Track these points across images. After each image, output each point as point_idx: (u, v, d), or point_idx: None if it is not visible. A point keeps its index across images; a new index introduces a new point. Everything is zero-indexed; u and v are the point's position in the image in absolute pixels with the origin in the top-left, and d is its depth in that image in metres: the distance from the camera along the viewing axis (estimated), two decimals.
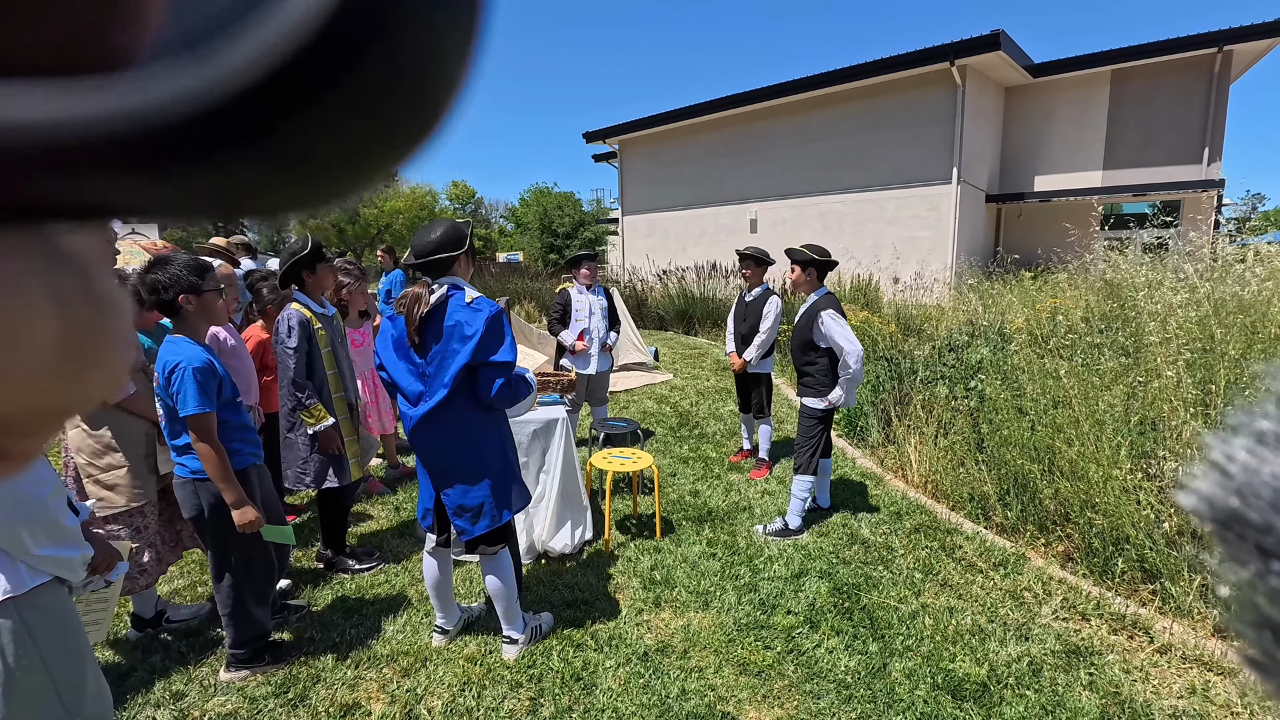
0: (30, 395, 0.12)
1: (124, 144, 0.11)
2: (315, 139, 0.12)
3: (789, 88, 13.28)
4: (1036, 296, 7.11)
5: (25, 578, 1.56)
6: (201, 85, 0.11)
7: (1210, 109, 11.83)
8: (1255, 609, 0.18)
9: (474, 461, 2.32)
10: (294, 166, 0.12)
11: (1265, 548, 0.18)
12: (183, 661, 2.52)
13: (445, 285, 2.30)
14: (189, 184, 0.12)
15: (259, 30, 0.11)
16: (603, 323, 4.63)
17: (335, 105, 0.11)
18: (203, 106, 0.11)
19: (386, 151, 0.13)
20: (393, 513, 3.92)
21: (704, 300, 11.54)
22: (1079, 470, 3.27)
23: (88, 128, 0.11)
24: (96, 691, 1.66)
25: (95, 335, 0.13)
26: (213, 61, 0.11)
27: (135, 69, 0.11)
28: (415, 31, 0.11)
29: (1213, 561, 0.20)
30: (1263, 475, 0.19)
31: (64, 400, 0.13)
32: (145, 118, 0.11)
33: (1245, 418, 0.20)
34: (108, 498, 2.49)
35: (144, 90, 0.11)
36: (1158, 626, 2.64)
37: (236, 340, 3.00)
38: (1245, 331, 3.83)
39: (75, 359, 0.13)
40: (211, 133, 0.11)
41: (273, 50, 0.11)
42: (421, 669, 2.46)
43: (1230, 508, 0.19)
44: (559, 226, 23.95)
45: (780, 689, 2.36)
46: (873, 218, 12.90)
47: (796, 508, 3.55)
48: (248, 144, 0.11)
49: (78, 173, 0.11)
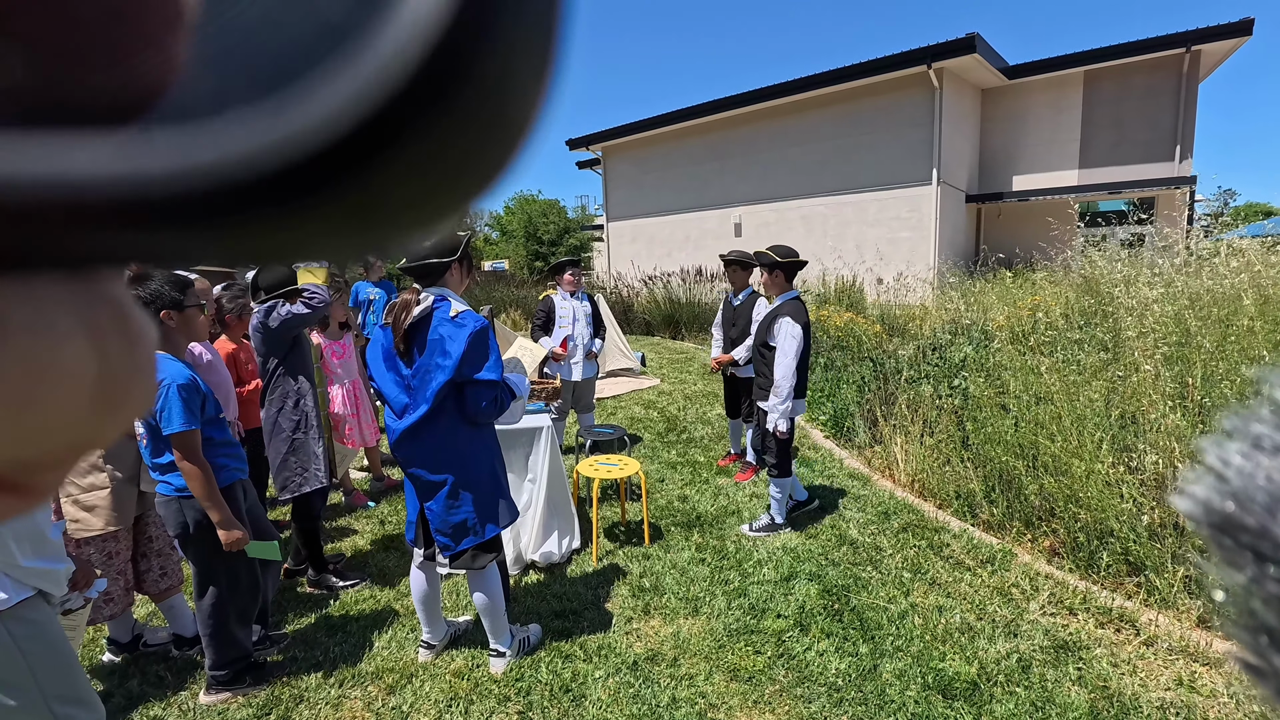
0: (65, 433, 0.12)
1: (188, 201, 0.10)
2: (393, 188, 0.11)
3: (770, 92, 13.40)
4: (1017, 294, 7.19)
5: (10, 591, 1.58)
6: (283, 137, 0.10)
7: (1180, 108, 12.08)
8: (1251, 614, 0.18)
9: (457, 476, 2.28)
10: (365, 215, 0.11)
11: (1261, 552, 0.18)
12: (161, 685, 2.46)
13: (433, 296, 2.26)
14: (251, 235, 0.11)
15: (345, 76, 0.10)
16: (587, 329, 4.61)
17: (419, 153, 0.11)
18: (284, 161, 0.10)
19: (464, 193, 0.12)
20: (377, 526, 3.87)
21: (690, 305, 11.59)
22: (1062, 465, 3.30)
23: (152, 185, 0.10)
24: (89, 702, 1.68)
25: (129, 371, 0.13)
26: (291, 111, 0.10)
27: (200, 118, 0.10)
28: (501, 72, 0.11)
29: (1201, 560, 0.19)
30: (1258, 480, 0.19)
31: (94, 435, 0.13)
32: (217, 174, 0.10)
33: (1240, 422, 0.20)
34: (84, 519, 2.41)
35: (216, 144, 0.10)
36: (1143, 619, 2.66)
37: (214, 355, 2.95)
38: (1219, 324, 3.89)
39: (110, 394, 0.13)
40: (286, 187, 0.10)
41: (363, 98, 0.10)
42: (407, 685, 2.42)
43: (1226, 512, 0.19)
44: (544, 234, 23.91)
45: (771, 694, 2.34)
46: (855, 220, 13.02)
47: (776, 506, 3.60)
48: (321, 197, 0.11)
49: (136, 228, 0.10)
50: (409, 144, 0.10)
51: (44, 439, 0.12)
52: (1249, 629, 0.19)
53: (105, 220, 0.10)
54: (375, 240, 0.12)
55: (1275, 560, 0.18)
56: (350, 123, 0.10)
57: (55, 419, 0.12)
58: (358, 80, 0.10)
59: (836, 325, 7.19)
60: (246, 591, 2.38)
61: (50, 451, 0.12)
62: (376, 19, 0.10)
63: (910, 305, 9.36)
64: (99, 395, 0.12)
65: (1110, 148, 12.80)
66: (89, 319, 0.12)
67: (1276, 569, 0.18)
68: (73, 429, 0.12)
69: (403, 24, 0.10)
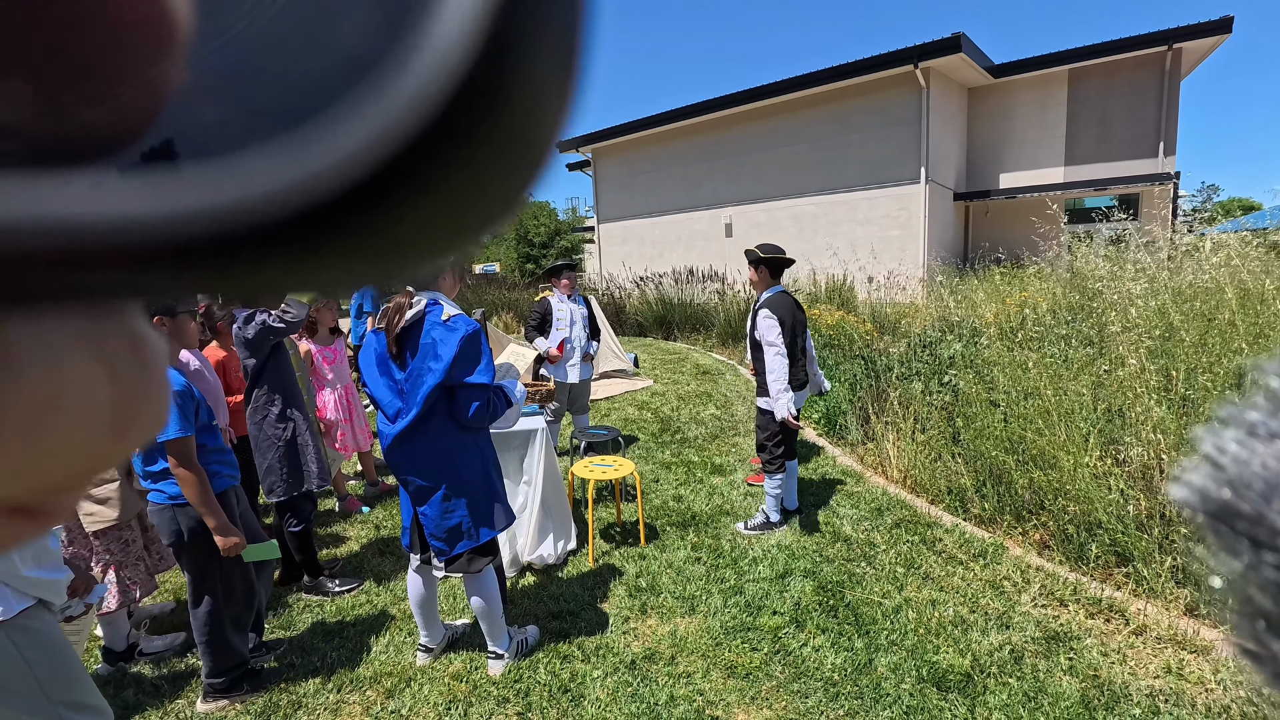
0: (79, 459, 0.12)
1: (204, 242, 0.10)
2: (414, 225, 0.11)
3: (758, 93, 13.45)
4: (1005, 291, 7.26)
5: (12, 602, 1.58)
6: (306, 176, 0.10)
7: (1163, 105, 12.23)
8: (1248, 600, 0.18)
9: (451, 481, 2.28)
10: (381, 251, 0.11)
11: (1257, 539, 0.18)
12: (157, 694, 2.45)
13: (425, 299, 2.27)
14: (261, 274, 0.11)
15: (372, 112, 0.09)
16: (583, 332, 4.62)
17: (443, 191, 0.10)
18: (306, 202, 0.10)
19: (482, 223, 0.12)
20: (372, 531, 3.86)
21: (682, 305, 11.61)
22: (1050, 459, 3.35)
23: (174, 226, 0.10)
24: (98, 707, 1.69)
25: (141, 396, 0.13)
26: (315, 148, 0.10)
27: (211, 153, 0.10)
28: (528, 102, 0.10)
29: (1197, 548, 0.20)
30: (1253, 467, 0.19)
31: (107, 458, 0.13)
32: (234, 217, 0.10)
33: (1236, 411, 0.20)
34: (99, 512, 2.47)
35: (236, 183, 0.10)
36: (1132, 609, 2.70)
37: (202, 362, 2.94)
38: (1202, 318, 3.96)
39: (123, 419, 0.12)
40: (305, 228, 0.10)
41: (390, 135, 0.09)
42: (406, 689, 2.42)
43: (1222, 500, 0.19)
44: (535, 236, 23.90)
45: (768, 690, 2.36)
46: (845, 218, 13.09)
47: (771, 504, 3.61)
48: (340, 237, 0.10)
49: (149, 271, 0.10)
50: (435, 183, 0.10)
51: (59, 466, 0.12)
52: (1246, 615, 0.19)
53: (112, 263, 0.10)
54: (386, 273, 0.12)
55: (1271, 546, 0.18)
56: (376, 162, 0.09)
57: (69, 446, 0.12)
58: (384, 117, 0.09)
59: (828, 324, 7.24)
60: (241, 598, 2.38)
61: (65, 477, 0.12)
62: (403, 51, 0.09)
63: (901, 303, 9.42)
64: (112, 420, 0.12)
65: (1095, 145, 12.95)
66: (100, 348, 0.12)
67: (1272, 555, 0.18)
68: (87, 454, 0.12)
69: (431, 56, 0.09)
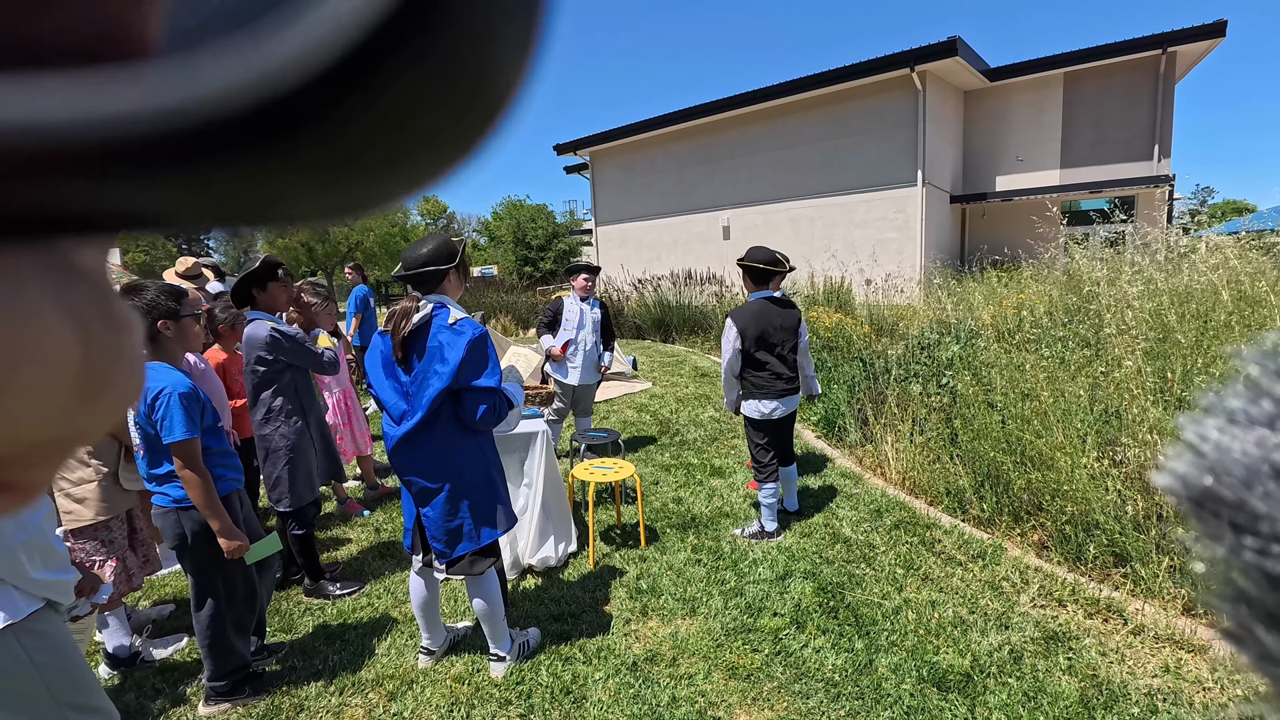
0: (49, 423, 0.12)
1: (161, 145, 0.10)
2: (375, 135, 0.11)
3: (755, 96, 13.50)
4: (1003, 293, 7.29)
5: (20, 605, 1.58)
6: (259, 74, 0.09)
7: (1158, 108, 12.30)
8: (1230, 584, 0.19)
9: (454, 483, 2.29)
10: (343, 166, 0.11)
11: (1238, 524, 0.19)
12: (159, 698, 2.45)
13: (431, 303, 2.28)
14: (225, 186, 0.10)
15: (325, 5, 0.09)
16: (592, 335, 4.59)
17: (401, 94, 0.10)
18: (261, 99, 0.09)
19: (441, 156, 0.12)
20: (372, 534, 3.86)
21: (680, 308, 11.64)
22: (1048, 460, 3.36)
23: (122, 126, 0.09)
24: (104, 709, 1.69)
25: (113, 356, 0.13)
26: (268, 43, 0.09)
27: (170, 53, 0.10)
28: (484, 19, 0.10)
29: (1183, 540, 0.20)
30: (1234, 453, 0.19)
31: (79, 427, 0.12)
32: (191, 113, 0.09)
33: (1217, 398, 0.20)
34: (76, 511, 2.47)
35: (189, 81, 0.09)
36: (1130, 608, 2.72)
37: (205, 365, 2.95)
38: (1197, 320, 3.98)
39: (94, 382, 0.12)
40: (265, 126, 0.10)
41: (345, 28, 0.09)
42: (408, 691, 2.42)
43: (1204, 486, 0.19)
44: (533, 239, 23.90)
45: (769, 691, 2.37)
46: (842, 221, 13.13)
47: (766, 513, 3.60)
48: (300, 138, 0.10)
49: (104, 178, 0.10)
50: (391, 81, 0.10)
51: (26, 426, 0.11)
52: (1229, 599, 0.19)
53: (70, 166, 0.10)
54: (353, 200, 0.12)
55: (1252, 531, 0.18)
56: (331, 54, 0.09)
57: (37, 405, 0.11)
58: (339, 9, 0.09)
59: (826, 326, 7.26)
60: (244, 601, 2.38)
61: (36, 444, 0.12)
62: None
63: (898, 305, 9.45)
64: (83, 382, 0.12)
65: (1091, 147, 13.01)
66: (68, 299, 0.12)
67: (1253, 539, 0.18)
68: (57, 418, 0.12)
69: None
